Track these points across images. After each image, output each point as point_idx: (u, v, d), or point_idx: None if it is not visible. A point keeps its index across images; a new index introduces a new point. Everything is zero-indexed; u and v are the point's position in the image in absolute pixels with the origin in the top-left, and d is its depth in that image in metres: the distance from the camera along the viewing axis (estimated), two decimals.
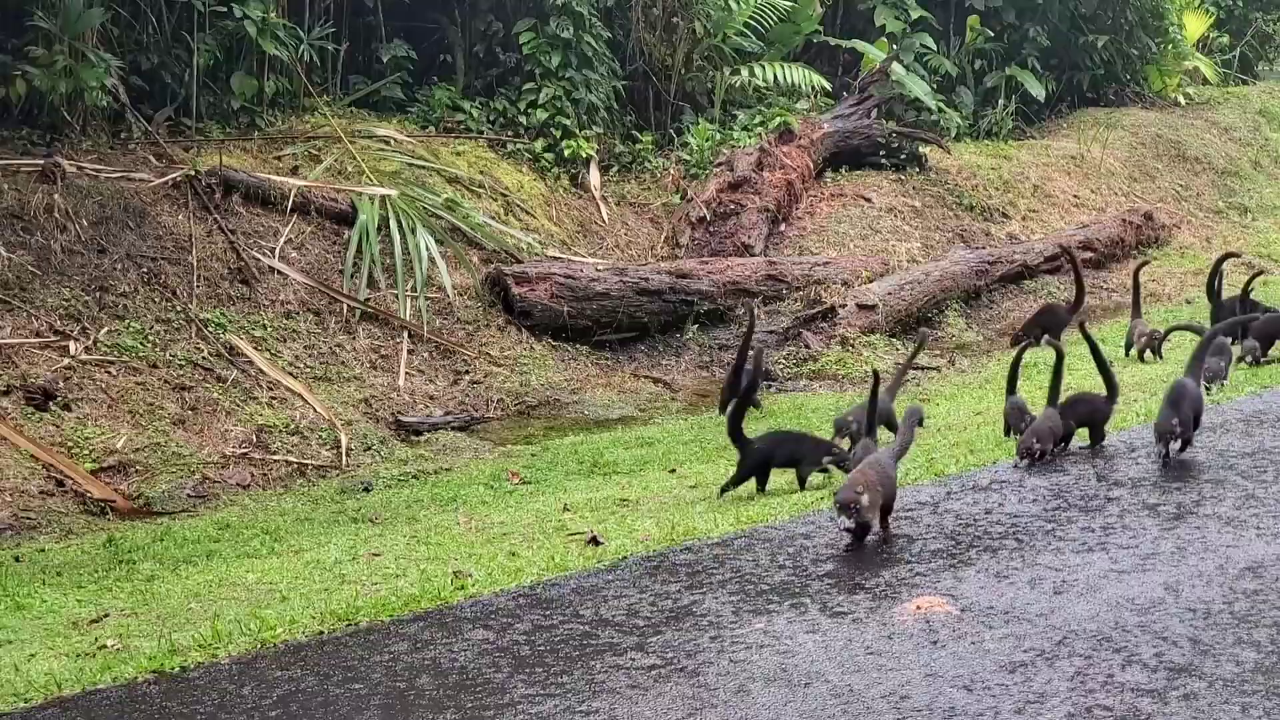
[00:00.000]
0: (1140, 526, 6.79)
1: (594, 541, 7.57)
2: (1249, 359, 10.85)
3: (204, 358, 12.26)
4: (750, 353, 11.47)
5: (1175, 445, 7.80)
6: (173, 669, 5.89)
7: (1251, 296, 12.38)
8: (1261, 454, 7.95)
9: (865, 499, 6.49)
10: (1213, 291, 12.68)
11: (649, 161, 18.07)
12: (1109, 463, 8.05)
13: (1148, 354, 12.25)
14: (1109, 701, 4.80)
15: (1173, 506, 7.09)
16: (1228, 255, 13.68)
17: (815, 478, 8.54)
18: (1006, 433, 8.98)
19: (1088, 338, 8.91)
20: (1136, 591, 5.85)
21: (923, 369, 13.60)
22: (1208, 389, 9.34)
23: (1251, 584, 5.88)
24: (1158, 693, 4.85)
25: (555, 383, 13.60)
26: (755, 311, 13.61)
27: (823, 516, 7.43)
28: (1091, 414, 8.42)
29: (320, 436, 11.82)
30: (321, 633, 6.23)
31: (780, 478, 8.79)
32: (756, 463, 8.59)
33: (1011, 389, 9.07)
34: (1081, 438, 8.41)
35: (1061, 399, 8.53)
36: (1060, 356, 8.66)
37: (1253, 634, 5.33)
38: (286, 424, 11.81)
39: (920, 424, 8.43)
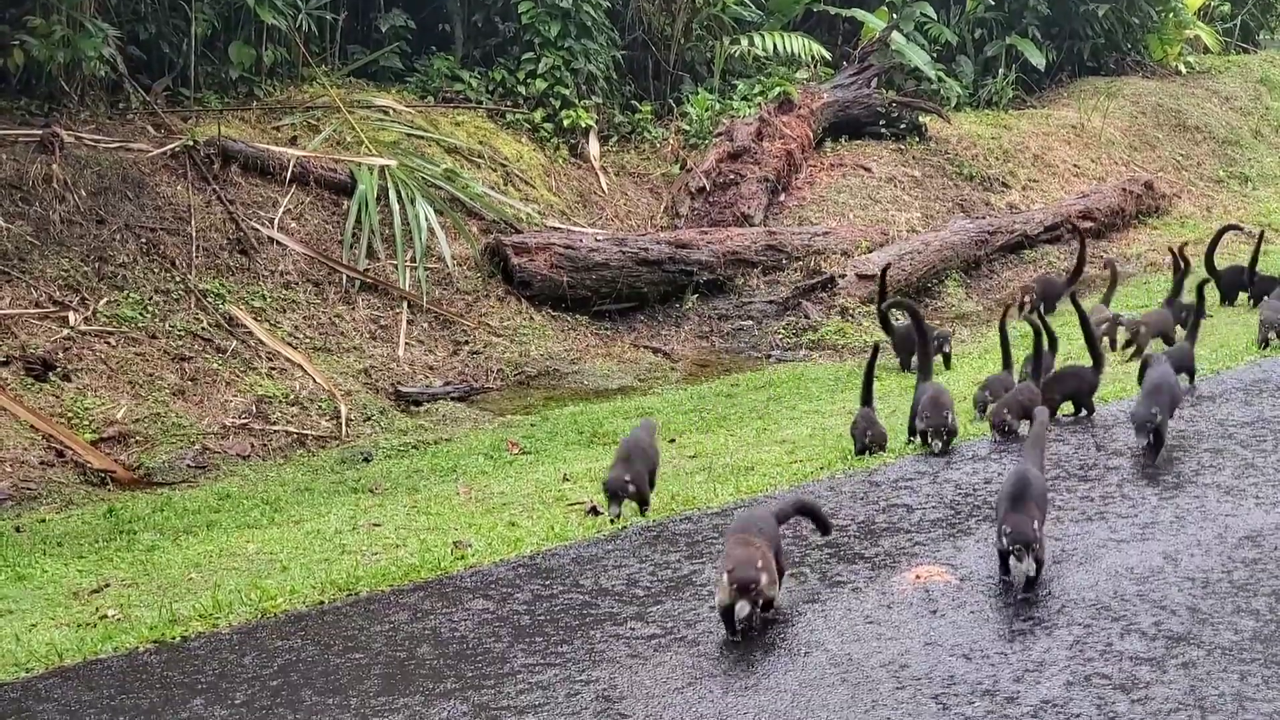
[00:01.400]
0: (1139, 496, 6.80)
1: (593, 511, 7.59)
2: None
3: (203, 328, 12.26)
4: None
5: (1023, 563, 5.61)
6: (174, 639, 5.91)
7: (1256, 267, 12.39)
8: (1261, 423, 7.96)
9: (764, 579, 5.27)
10: (1211, 265, 12.65)
11: (648, 131, 18.04)
12: (1108, 432, 8.05)
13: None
14: (1107, 670, 4.82)
15: (1171, 476, 7.09)
16: (1228, 228, 13.63)
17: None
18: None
19: (1078, 308, 8.93)
20: (1135, 560, 5.86)
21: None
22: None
23: (1250, 553, 5.89)
24: (1156, 661, 4.87)
25: (555, 353, 13.60)
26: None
27: (822, 486, 7.44)
28: (1079, 386, 8.42)
29: (320, 407, 11.83)
30: (322, 603, 6.25)
31: (772, 450, 8.80)
32: None
33: (1006, 363, 9.05)
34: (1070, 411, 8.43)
35: (1052, 372, 8.56)
36: (1038, 332, 8.57)
37: (1251, 602, 5.34)
38: (286, 394, 11.81)
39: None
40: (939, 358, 11.59)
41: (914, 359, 10.24)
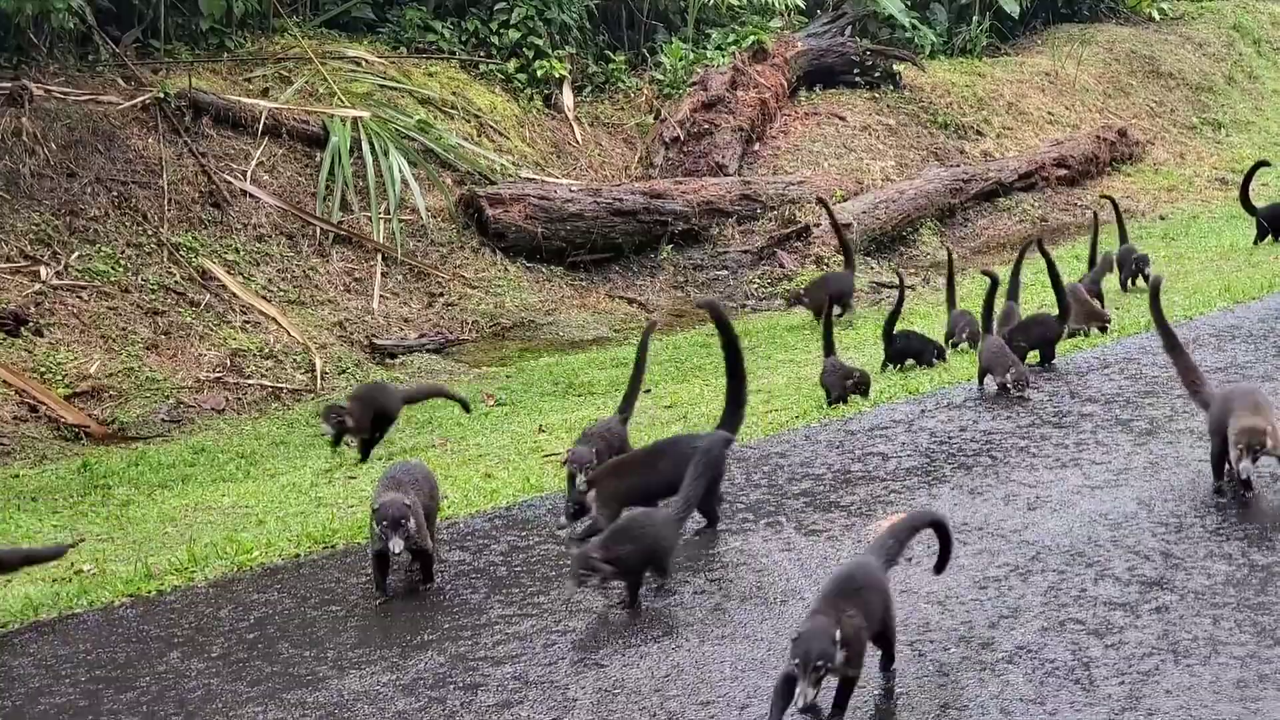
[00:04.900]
0: (1113, 442, 6.83)
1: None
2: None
3: (176, 282, 12.19)
4: None
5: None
6: (149, 593, 5.90)
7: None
8: (1234, 369, 7.99)
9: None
10: (1247, 202, 12.65)
11: (622, 82, 17.96)
12: (1082, 379, 8.08)
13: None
14: (1082, 615, 4.84)
15: (1145, 422, 7.12)
16: (1259, 164, 13.51)
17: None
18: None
19: (1045, 255, 8.96)
20: (1109, 506, 5.89)
21: (900, 287, 13.59)
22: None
23: (1223, 497, 5.92)
24: (1130, 606, 4.89)
25: (530, 304, 13.57)
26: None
27: (798, 435, 7.45)
28: (1044, 334, 8.48)
29: (294, 360, 11.79)
30: (298, 555, 6.25)
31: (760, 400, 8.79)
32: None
33: (988, 324, 9.03)
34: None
35: (1018, 320, 8.63)
36: (995, 283, 8.53)
37: (1224, 547, 5.37)
38: (260, 348, 11.77)
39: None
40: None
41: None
